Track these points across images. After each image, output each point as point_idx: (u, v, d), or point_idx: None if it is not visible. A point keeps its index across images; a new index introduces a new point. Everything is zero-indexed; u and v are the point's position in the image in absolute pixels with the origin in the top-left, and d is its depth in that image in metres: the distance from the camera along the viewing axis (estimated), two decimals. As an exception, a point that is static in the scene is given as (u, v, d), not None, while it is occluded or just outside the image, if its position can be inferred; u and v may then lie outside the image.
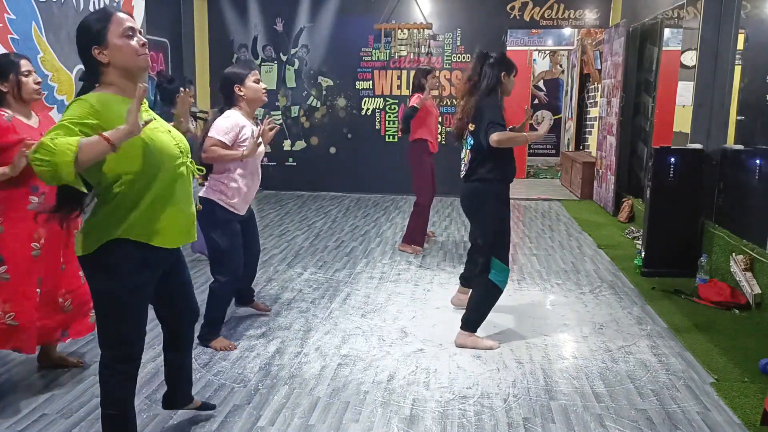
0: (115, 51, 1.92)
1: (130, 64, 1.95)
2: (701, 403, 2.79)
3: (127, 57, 1.94)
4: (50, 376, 2.99)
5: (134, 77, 1.98)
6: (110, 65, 1.94)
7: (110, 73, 1.95)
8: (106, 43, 1.91)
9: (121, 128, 1.77)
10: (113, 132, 1.76)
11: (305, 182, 8.74)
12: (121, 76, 1.96)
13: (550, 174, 11.01)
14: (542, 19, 8.29)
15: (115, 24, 1.93)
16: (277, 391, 2.87)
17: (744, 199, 4.36)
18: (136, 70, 1.98)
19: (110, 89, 1.96)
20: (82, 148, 1.71)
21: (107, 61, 1.93)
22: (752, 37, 4.58)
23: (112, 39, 1.92)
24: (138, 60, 1.96)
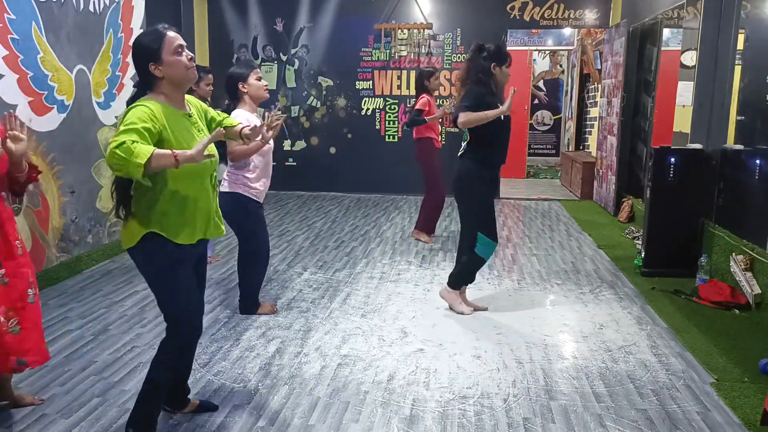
0: (169, 67, 2.20)
1: (181, 77, 2.24)
2: (701, 403, 2.79)
3: (179, 71, 2.22)
4: (50, 376, 2.99)
5: (183, 87, 2.28)
6: (164, 78, 2.22)
7: (163, 85, 2.23)
8: (161, 59, 2.19)
9: (188, 153, 2.06)
10: (182, 153, 2.06)
11: (305, 182, 8.74)
12: (172, 88, 2.25)
13: (550, 174, 11.01)
14: (542, 19, 8.29)
15: (168, 43, 2.20)
16: (277, 391, 2.87)
17: (744, 199, 4.36)
18: (185, 82, 2.27)
19: (160, 98, 2.22)
20: (154, 157, 2.00)
21: (162, 75, 2.21)
22: (752, 37, 4.58)
23: (165, 56, 2.20)
24: (187, 73, 2.25)
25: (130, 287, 4.40)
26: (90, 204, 4.99)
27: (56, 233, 4.55)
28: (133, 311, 3.92)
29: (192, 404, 2.66)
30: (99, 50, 5.05)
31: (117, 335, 3.52)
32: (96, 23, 5.01)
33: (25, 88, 4.18)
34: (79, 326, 3.64)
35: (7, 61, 4.00)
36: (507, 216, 7.21)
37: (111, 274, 4.74)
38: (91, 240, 4.98)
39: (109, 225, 5.26)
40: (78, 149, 4.79)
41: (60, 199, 4.59)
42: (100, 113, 5.10)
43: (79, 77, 4.81)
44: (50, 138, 4.44)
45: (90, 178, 4.97)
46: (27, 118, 4.19)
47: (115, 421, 2.59)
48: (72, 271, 4.65)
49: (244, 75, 3.53)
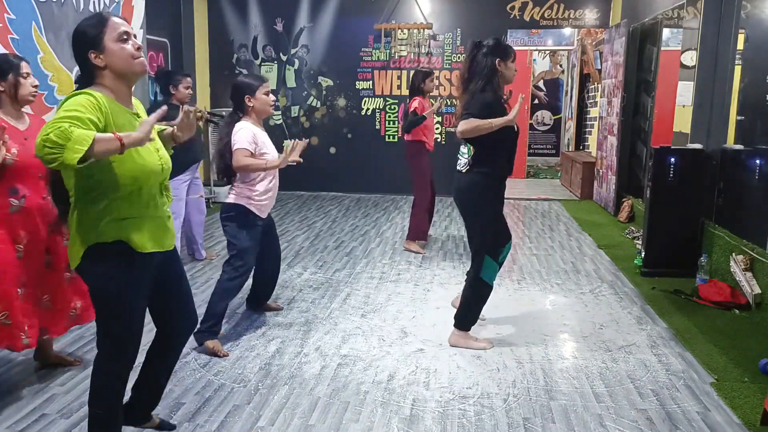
0: (111, 55, 1.97)
1: (125, 67, 2.00)
2: (701, 403, 2.79)
3: (123, 61, 1.99)
4: (50, 376, 2.99)
5: (129, 80, 2.05)
6: (106, 68, 1.99)
7: (106, 76, 2.00)
8: (102, 47, 1.97)
9: (133, 135, 1.82)
10: (126, 136, 1.81)
11: (305, 182, 8.74)
12: (116, 80, 2.01)
13: (550, 174, 11.01)
14: (542, 19, 8.29)
15: (111, 29, 1.98)
16: (277, 391, 2.87)
17: (744, 199, 4.36)
18: (131, 74, 2.03)
19: (104, 91, 1.99)
20: (97, 141, 1.75)
21: (103, 65, 1.98)
22: (752, 37, 4.58)
23: (108, 44, 1.97)
24: (133, 64, 2.01)
25: (130, 287, 4.39)
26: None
27: (56, 233, 4.54)
28: (133, 311, 3.91)
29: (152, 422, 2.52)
30: (99, 50, 5.05)
31: (117, 335, 3.52)
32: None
33: (25, 88, 4.17)
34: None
35: (7, 61, 4.00)
36: (507, 216, 7.15)
37: (111, 274, 4.73)
38: (91, 240, 4.97)
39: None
40: (78, 149, 4.78)
41: (60, 199, 4.58)
42: (100, 113, 5.09)
43: (79, 77, 4.80)
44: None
45: (90, 178, 4.96)
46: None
47: (115, 421, 2.58)
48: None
49: (253, 88, 3.36)
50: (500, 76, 3.22)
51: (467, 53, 3.29)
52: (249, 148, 3.28)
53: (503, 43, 3.28)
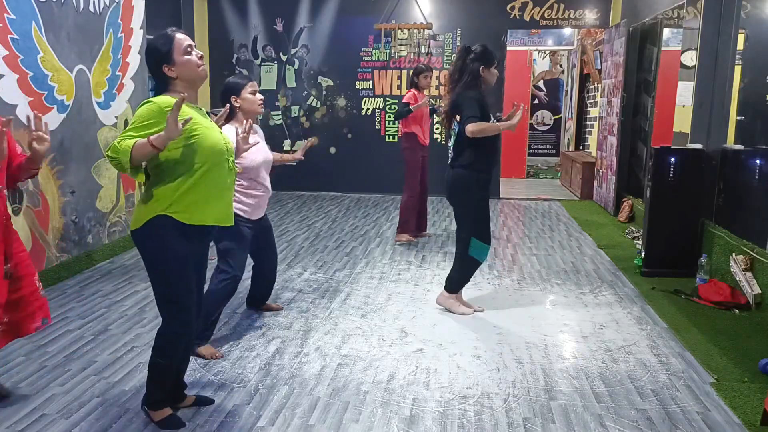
0: (181, 67, 2.33)
1: (193, 75, 2.37)
2: (701, 403, 2.79)
3: (191, 70, 2.35)
4: (50, 376, 2.99)
5: (196, 85, 2.41)
6: (178, 78, 2.34)
7: (177, 84, 2.35)
8: (173, 61, 2.32)
9: (161, 134, 2.14)
10: (156, 137, 2.14)
11: (305, 182, 8.74)
12: (186, 86, 2.36)
13: (550, 174, 11.01)
14: (542, 19, 8.29)
15: (178, 44, 2.33)
16: (277, 391, 2.87)
17: (744, 199, 4.36)
18: (198, 80, 2.40)
19: (174, 95, 2.30)
20: (135, 149, 2.14)
21: (175, 75, 2.34)
22: (752, 37, 4.58)
23: (177, 57, 2.32)
24: (199, 72, 2.38)
25: (130, 287, 4.40)
26: (90, 204, 4.98)
27: (56, 233, 4.55)
28: (133, 311, 3.92)
29: (188, 399, 2.70)
30: (99, 50, 5.05)
31: (117, 335, 3.52)
32: (96, 23, 5.01)
33: (25, 88, 4.18)
34: (79, 326, 3.64)
35: (7, 61, 4.00)
36: (507, 216, 7.21)
37: (111, 274, 4.74)
38: (91, 240, 4.98)
39: (109, 225, 5.26)
40: (78, 149, 4.79)
41: (60, 199, 4.59)
42: (100, 113, 5.10)
43: (79, 77, 4.81)
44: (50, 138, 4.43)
45: (90, 178, 4.97)
46: (27, 118, 4.18)
47: (115, 421, 2.59)
48: (72, 271, 4.65)
49: (238, 87, 3.30)
50: (484, 80, 3.69)
51: (457, 56, 3.77)
52: None
53: (489, 50, 3.71)
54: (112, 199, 5.31)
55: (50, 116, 4.46)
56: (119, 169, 2.22)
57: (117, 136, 5.22)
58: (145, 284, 4.43)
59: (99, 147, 5.08)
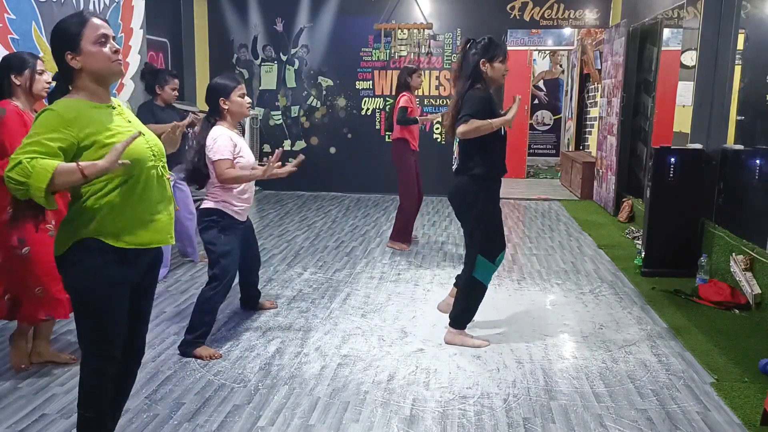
0: (88, 57, 1.93)
1: (102, 70, 1.95)
2: (701, 403, 2.79)
3: (100, 63, 1.94)
4: (50, 376, 2.99)
5: (106, 82, 2.00)
6: (83, 71, 1.94)
7: (83, 78, 1.95)
8: (80, 49, 1.92)
9: (99, 164, 1.80)
10: (89, 166, 1.80)
11: (305, 182, 8.73)
12: (93, 82, 1.97)
13: (550, 174, 11.01)
14: (542, 19, 8.29)
15: (90, 30, 1.93)
16: (277, 391, 2.87)
17: (744, 199, 4.36)
18: (109, 76, 1.98)
19: (81, 94, 1.97)
20: (57, 175, 1.76)
21: (80, 66, 1.93)
22: (752, 37, 4.58)
23: (85, 46, 1.92)
24: (111, 66, 1.96)
25: (130, 287, 4.39)
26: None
27: (56, 233, 4.53)
28: (133, 311, 3.91)
29: None
30: (99, 50, 5.04)
31: (117, 335, 3.51)
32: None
33: (25, 88, 4.17)
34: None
35: (7, 61, 4.00)
36: (507, 216, 7.20)
37: (111, 274, 4.73)
38: (91, 240, 4.96)
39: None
40: (78, 149, 4.77)
41: (60, 199, 4.58)
42: (100, 113, 5.08)
43: (79, 77, 4.80)
44: None
45: (90, 178, 4.95)
46: (27, 118, 4.18)
47: (115, 421, 2.58)
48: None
49: (227, 90, 3.25)
50: (486, 76, 3.23)
51: (460, 50, 3.33)
52: (229, 156, 3.18)
53: (494, 43, 3.24)
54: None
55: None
56: (22, 195, 1.76)
57: None
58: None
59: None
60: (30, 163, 1.74)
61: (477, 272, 3.32)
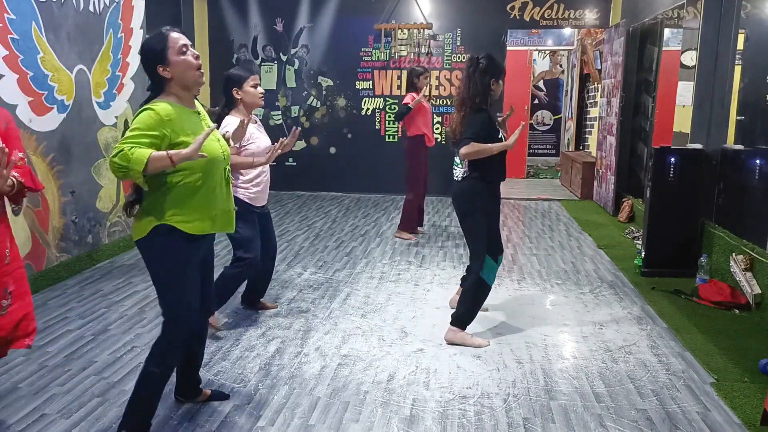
0: (175, 67, 2.27)
1: (189, 77, 2.30)
2: (701, 403, 2.79)
3: (186, 71, 2.29)
4: (50, 376, 2.99)
5: (191, 88, 2.34)
6: (173, 79, 2.28)
7: (172, 86, 2.30)
8: (168, 61, 2.25)
9: (183, 152, 2.13)
10: (176, 153, 2.13)
11: (305, 182, 8.74)
12: (181, 88, 2.31)
13: (550, 174, 11.01)
14: (542, 19, 8.29)
15: (172, 43, 2.26)
16: (277, 391, 2.87)
17: (744, 199, 4.36)
18: (193, 82, 2.33)
19: (171, 98, 2.29)
20: (151, 161, 2.09)
21: (170, 76, 2.27)
22: (752, 37, 4.57)
23: (171, 57, 2.26)
24: (195, 74, 2.31)
25: (130, 287, 4.40)
26: (90, 204, 4.98)
27: (56, 233, 4.55)
28: (133, 311, 3.92)
29: (204, 394, 2.75)
30: (99, 50, 5.05)
31: (117, 335, 3.52)
32: (96, 23, 5.00)
33: (25, 88, 4.18)
34: (79, 326, 3.64)
35: (7, 61, 4.00)
36: (507, 216, 7.20)
37: (111, 274, 4.74)
38: (91, 240, 4.98)
39: (109, 225, 5.26)
40: (78, 149, 4.79)
41: (60, 199, 4.59)
42: (100, 113, 5.10)
43: (79, 77, 4.81)
44: (50, 138, 4.44)
45: (90, 178, 4.97)
46: (27, 118, 4.19)
47: (115, 421, 2.58)
48: (72, 271, 4.65)
49: (241, 80, 3.40)
50: (492, 95, 3.40)
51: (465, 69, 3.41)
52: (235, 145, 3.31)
53: (496, 61, 3.40)
54: (112, 199, 5.30)
55: (50, 116, 4.46)
56: (122, 177, 2.14)
57: (117, 137, 5.27)
58: (145, 284, 4.43)
59: (99, 147, 5.08)
60: (130, 150, 2.09)
61: (484, 273, 3.38)
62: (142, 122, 2.18)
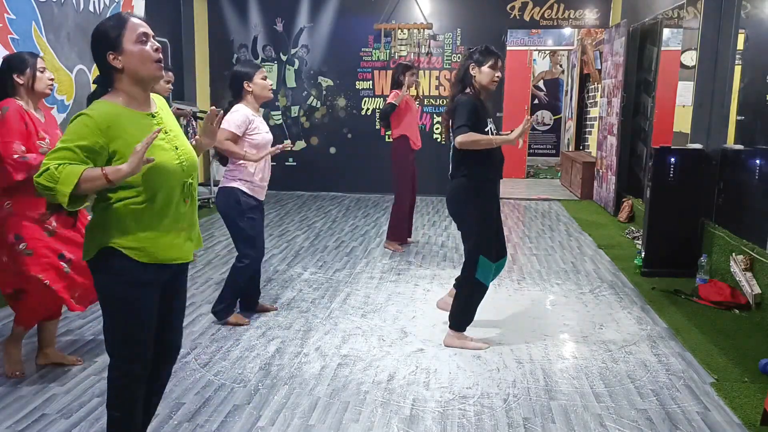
0: (130, 57, 1.91)
1: (143, 71, 1.93)
2: (701, 403, 2.79)
3: (142, 63, 1.92)
4: (50, 376, 2.99)
5: (146, 85, 1.97)
6: (124, 71, 1.92)
7: (123, 79, 1.94)
8: (122, 49, 1.91)
9: (122, 169, 1.79)
10: (114, 171, 1.80)
11: (305, 182, 8.74)
12: (133, 84, 1.95)
13: (550, 174, 11.01)
14: (542, 19, 8.29)
15: (130, 29, 1.92)
16: (277, 391, 2.87)
17: (744, 199, 4.36)
18: (149, 79, 1.96)
19: (120, 98, 1.95)
20: (82, 181, 1.78)
21: (121, 66, 1.92)
22: (752, 37, 4.58)
23: (127, 45, 1.91)
24: (152, 68, 1.94)
25: (130, 287, 4.39)
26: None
27: (56, 233, 4.53)
28: (133, 311, 3.91)
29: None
30: (99, 50, 5.04)
31: (117, 335, 3.52)
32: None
33: (25, 88, 4.17)
34: (79, 326, 3.64)
35: (7, 61, 4.00)
36: (507, 216, 7.20)
37: (111, 274, 4.73)
38: (91, 240, 4.97)
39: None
40: (78, 149, 4.78)
41: (60, 199, 4.58)
42: (100, 113, 5.09)
43: (79, 77, 4.81)
44: None
45: (90, 178, 4.96)
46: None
47: (115, 421, 2.58)
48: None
49: (250, 74, 3.52)
50: (475, 81, 3.26)
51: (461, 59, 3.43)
52: (234, 130, 3.44)
53: (487, 49, 3.27)
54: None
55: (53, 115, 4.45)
56: (48, 198, 1.82)
57: None
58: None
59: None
60: (57, 169, 1.77)
61: (479, 273, 3.31)
62: (74, 132, 1.83)
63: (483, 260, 3.29)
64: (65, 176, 1.76)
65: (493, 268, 3.36)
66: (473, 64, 3.24)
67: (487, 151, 3.22)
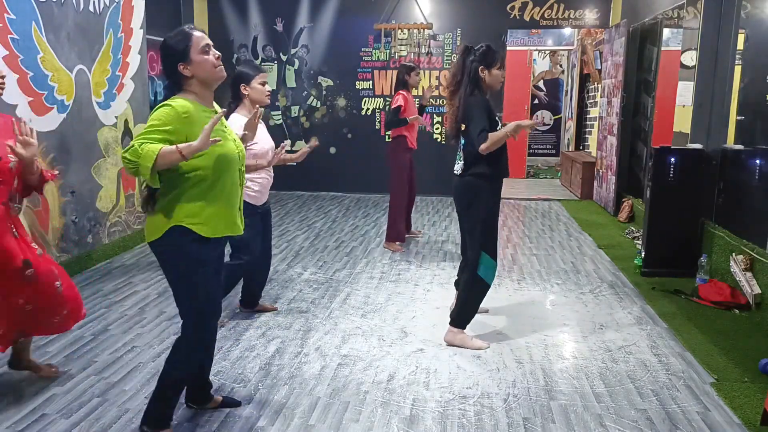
0: (197, 66, 2.26)
1: (209, 76, 2.29)
2: (701, 403, 2.79)
3: (207, 70, 2.28)
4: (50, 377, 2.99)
5: (211, 86, 2.34)
6: (193, 78, 2.27)
7: (192, 84, 2.29)
8: (190, 59, 2.25)
9: (193, 144, 2.12)
10: (186, 146, 2.12)
11: (305, 182, 8.74)
12: (201, 86, 2.30)
13: (550, 174, 11.01)
14: (542, 19, 8.29)
15: (195, 42, 2.26)
16: (277, 391, 2.87)
17: (744, 199, 4.36)
18: (214, 81, 2.32)
19: (190, 96, 2.28)
20: (160, 156, 2.09)
21: (191, 74, 2.26)
22: (752, 37, 4.57)
23: (193, 55, 2.25)
24: (215, 72, 2.30)
25: (130, 287, 4.40)
26: (90, 204, 4.98)
27: (56, 233, 4.55)
28: (133, 311, 3.92)
29: (215, 401, 2.71)
30: (99, 50, 5.05)
31: (117, 335, 3.52)
32: (96, 23, 5.00)
33: (25, 88, 4.18)
34: (79, 326, 3.64)
35: (7, 61, 4.00)
36: (507, 216, 7.21)
37: (111, 274, 4.74)
38: (91, 240, 4.98)
39: (109, 225, 5.26)
40: (78, 149, 4.79)
41: (60, 199, 4.59)
42: (100, 113, 5.10)
43: (79, 77, 4.81)
44: (50, 138, 4.44)
45: (90, 178, 4.97)
46: (27, 118, 4.18)
47: (115, 421, 2.59)
48: (72, 271, 4.65)
49: (249, 77, 3.46)
50: (484, 83, 3.32)
51: (458, 55, 3.42)
52: None
53: (492, 50, 3.34)
54: (112, 199, 5.30)
55: (50, 116, 4.46)
56: (133, 174, 2.14)
57: (117, 137, 5.27)
58: (144, 284, 4.43)
59: (99, 147, 5.08)
60: (141, 146, 2.09)
61: (481, 270, 3.34)
62: (157, 117, 2.18)
63: (486, 257, 3.33)
64: (146, 153, 2.08)
65: (495, 266, 3.39)
66: (483, 67, 3.30)
67: (500, 149, 3.28)
